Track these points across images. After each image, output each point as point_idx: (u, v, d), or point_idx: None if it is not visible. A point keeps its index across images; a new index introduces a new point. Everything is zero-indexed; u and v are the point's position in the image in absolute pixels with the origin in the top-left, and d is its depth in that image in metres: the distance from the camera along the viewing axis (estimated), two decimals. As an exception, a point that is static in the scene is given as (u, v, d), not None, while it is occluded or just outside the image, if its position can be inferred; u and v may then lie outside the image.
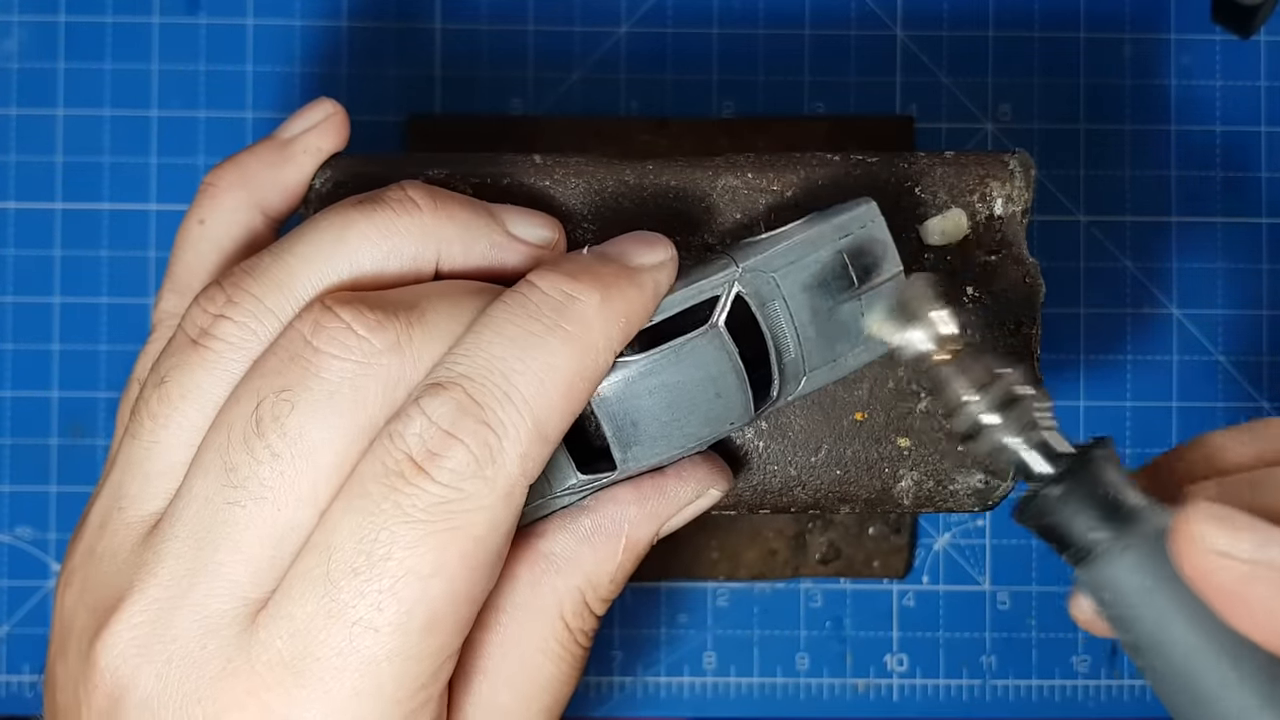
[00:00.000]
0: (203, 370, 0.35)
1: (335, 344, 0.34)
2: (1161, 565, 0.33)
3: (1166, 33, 0.54)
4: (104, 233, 0.53)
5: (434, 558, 0.33)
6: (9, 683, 0.53)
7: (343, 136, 0.41)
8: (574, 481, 0.37)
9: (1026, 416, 0.35)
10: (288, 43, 0.53)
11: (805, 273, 0.37)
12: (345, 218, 0.36)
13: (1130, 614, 0.34)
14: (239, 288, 0.36)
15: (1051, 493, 0.35)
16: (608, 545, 0.37)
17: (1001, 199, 0.40)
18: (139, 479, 0.36)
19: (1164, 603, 0.33)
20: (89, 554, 0.36)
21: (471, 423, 0.33)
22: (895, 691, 0.53)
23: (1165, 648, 0.33)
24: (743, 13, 0.54)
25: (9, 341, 0.53)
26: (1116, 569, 0.34)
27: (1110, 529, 0.34)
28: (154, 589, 0.34)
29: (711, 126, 0.53)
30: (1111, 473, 0.35)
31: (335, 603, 0.33)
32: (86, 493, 0.53)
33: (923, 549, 0.53)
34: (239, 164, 0.41)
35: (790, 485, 0.40)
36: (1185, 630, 0.33)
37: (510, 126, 0.53)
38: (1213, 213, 0.53)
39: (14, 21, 0.53)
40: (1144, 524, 0.34)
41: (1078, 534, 0.34)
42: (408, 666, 0.33)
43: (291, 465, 0.34)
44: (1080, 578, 0.35)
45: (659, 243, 0.37)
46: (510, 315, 0.35)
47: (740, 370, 0.36)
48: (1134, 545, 0.34)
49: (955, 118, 0.53)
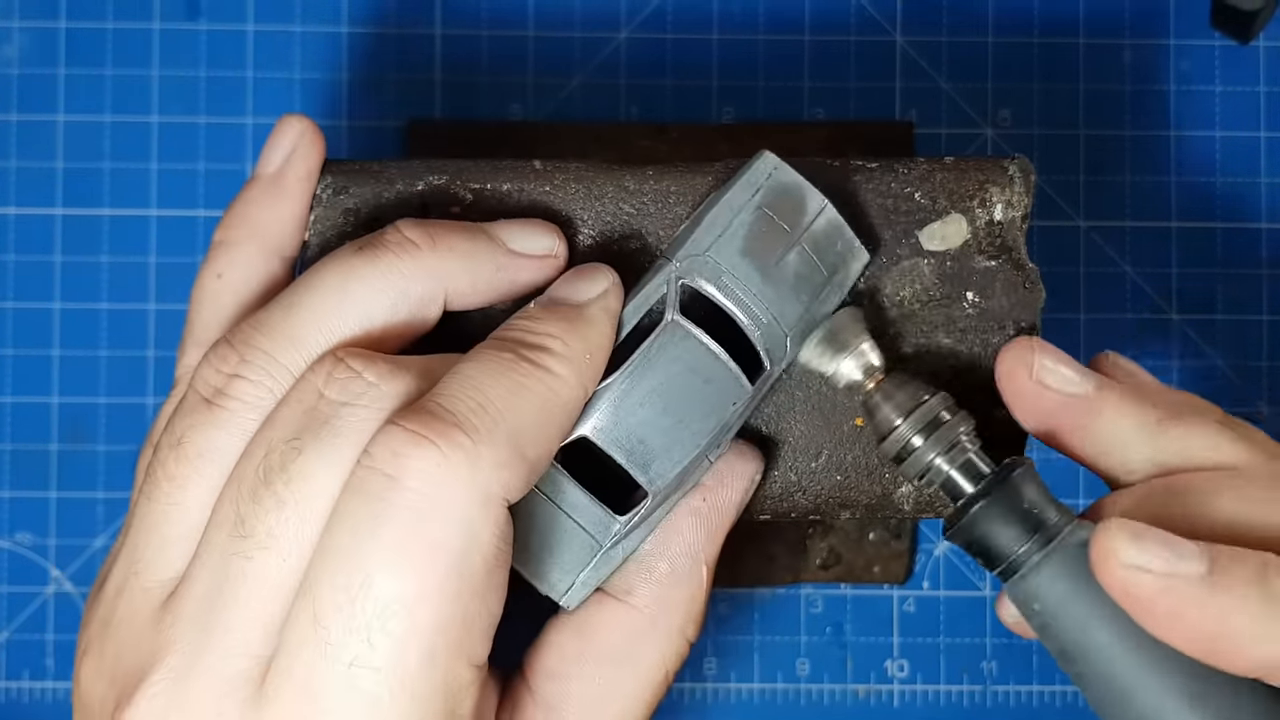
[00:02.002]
0: (218, 429, 0.35)
1: (346, 393, 0.34)
2: (1081, 576, 0.35)
3: (1166, 38, 0.54)
4: (104, 238, 0.53)
5: (415, 581, 0.32)
6: (8, 689, 0.52)
7: (322, 147, 0.40)
8: (618, 527, 0.37)
9: (951, 438, 0.37)
10: (288, 48, 0.53)
11: (735, 240, 0.37)
12: (348, 266, 0.36)
13: (1054, 623, 0.35)
14: (250, 345, 0.36)
15: (975, 509, 0.36)
16: (692, 578, 0.38)
17: (1001, 204, 0.40)
18: (155, 544, 0.35)
19: (1085, 611, 0.35)
20: (105, 623, 0.35)
21: (442, 425, 0.33)
22: (896, 697, 0.53)
23: (1089, 654, 0.35)
24: (742, 18, 0.54)
25: (9, 347, 0.53)
26: (1038, 580, 0.35)
27: (1032, 542, 0.36)
28: (171, 658, 0.34)
29: (711, 132, 0.53)
30: (1031, 489, 0.36)
31: (328, 645, 0.32)
32: (86, 498, 0.53)
33: (923, 554, 0.53)
34: (243, 216, 0.40)
35: (790, 491, 0.40)
36: (1107, 637, 0.35)
37: (510, 132, 0.53)
38: (1212, 218, 0.53)
39: (14, 27, 0.53)
40: (1063, 537, 0.36)
41: (1002, 548, 0.36)
42: (416, 704, 0.32)
43: (295, 512, 0.33)
44: (1008, 590, 0.36)
45: (598, 272, 0.37)
46: (484, 350, 0.35)
47: (717, 350, 0.37)
48: (1054, 558, 0.35)
49: (955, 123, 0.53)
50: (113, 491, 0.53)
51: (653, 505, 0.37)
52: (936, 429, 0.37)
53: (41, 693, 0.52)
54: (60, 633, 0.53)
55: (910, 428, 0.37)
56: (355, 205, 0.40)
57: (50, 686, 0.52)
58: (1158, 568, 0.33)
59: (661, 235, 0.40)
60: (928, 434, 0.37)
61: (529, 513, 0.36)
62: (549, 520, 0.36)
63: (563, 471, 0.36)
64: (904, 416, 0.37)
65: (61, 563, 0.53)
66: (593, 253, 0.40)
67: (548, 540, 0.37)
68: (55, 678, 0.52)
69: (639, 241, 0.40)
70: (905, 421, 0.37)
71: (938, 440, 0.37)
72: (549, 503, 0.36)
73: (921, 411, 0.37)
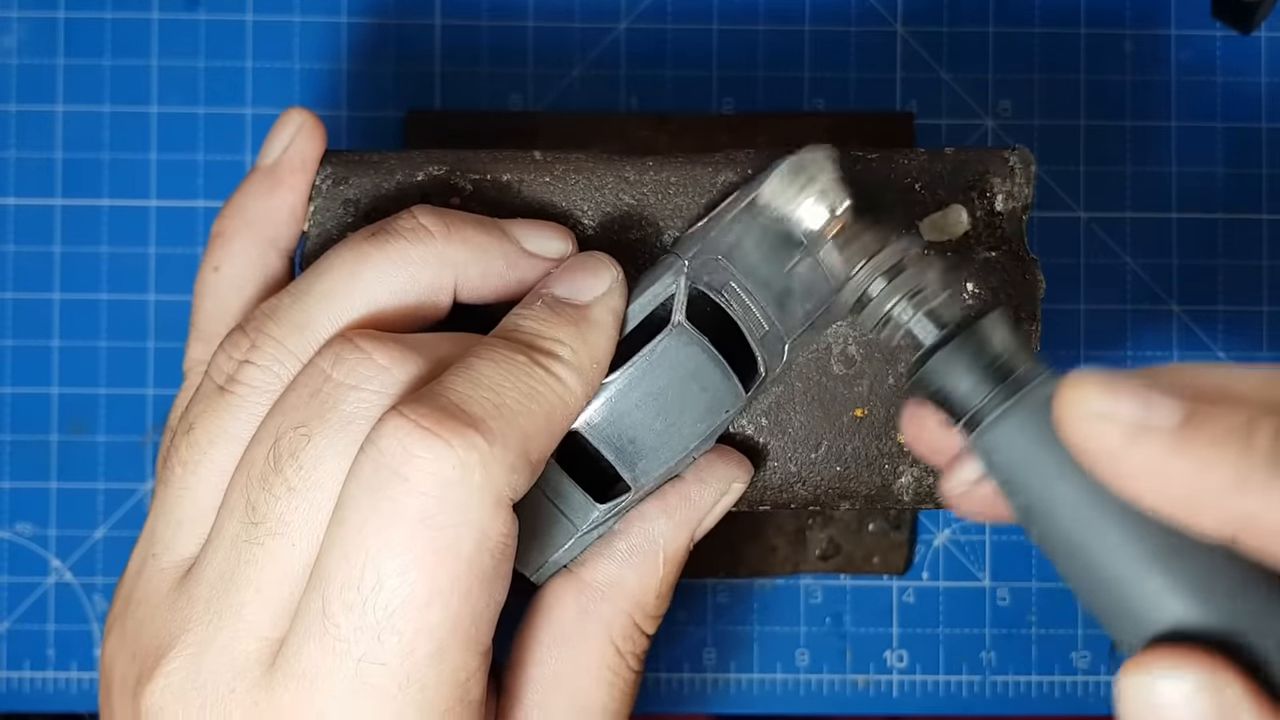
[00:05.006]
0: (229, 415, 0.36)
1: (355, 374, 0.34)
2: (1047, 429, 0.32)
3: (1167, 28, 0.54)
4: (103, 228, 0.53)
5: (427, 584, 0.32)
6: (9, 679, 0.53)
7: (321, 139, 0.40)
8: (597, 514, 0.37)
9: (915, 282, 0.34)
10: (287, 38, 0.53)
11: (750, 248, 0.37)
12: (359, 252, 0.36)
13: (1016, 480, 0.33)
14: (261, 332, 0.36)
15: (938, 355, 0.34)
16: (647, 563, 0.38)
17: (1002, 195, 0.40)
18: (171, 526, 0.36)
19: (1048, 468, 0.32)
20: (127, 601, 0.36)
21: (456, 424, 0.33)
22: (895, 687, 0.53)
23: (1052, 514, 0.32)
24: (743, 8, 0.54)
25: (9, 337, 0.53)
26: (1000, 433, 0.33)
27: (998, 392, 0.33)
28: (188, 635, 0.34)
29: (712, 123, 0.53)
30: (1000, 335, 0.34)
31: (337, 640, 0.32)
32: (87, 489, 0.53)
33: (923, 545, 0.53)
34: (240, 206, 0.40)
35: (790, 482, 0.40)
36: (1071, 496, 0.32)
37: (510, 122, 0.53)
38: (1213, 209, 0.53)
39: (13, 17, 0.53)
40: (1031, 387, 0.33)
41: (963, 397, 0.34)
42: (426, 694, 0.33)
43: (305, 499, 0.34)
44: (972, 443, 0.34)
45: (603, 267, 0.37)
46: (496, 347, 0.35)
47: (717, 359, 0.37)
48: (1018, 408, 0.33)
49: (955, 114, 0.53)
50: (113, 482, 0.53)
51: (634, 499, 0.37)
52: (899, 274, 0.34)
53: (42, 683, 0.53)
54: (60, 623, 0.53)
55: (870, 272, 0.34)
56: (355, 196, 0.40)
57: (51, 676, 0.52)
58: (1125, 417, 0.30)
59: (662, 226, 0.40)
60: (888, 278, 0.34)
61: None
62: (532, 503, 0.37)
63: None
64: (865, 259, 0.35)
65: (62, 553, 0.53)
66: (593, 243, 0.40)
67: (529, 522, 0.37)
68: (56, 668, 0.52)
69: (639, 232, 0.40)
70: (865, 266, 0.34)
71: (899, 286, 0.34)
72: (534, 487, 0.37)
73: (886, 255, 0.34)
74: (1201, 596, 0.31)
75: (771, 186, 0.36)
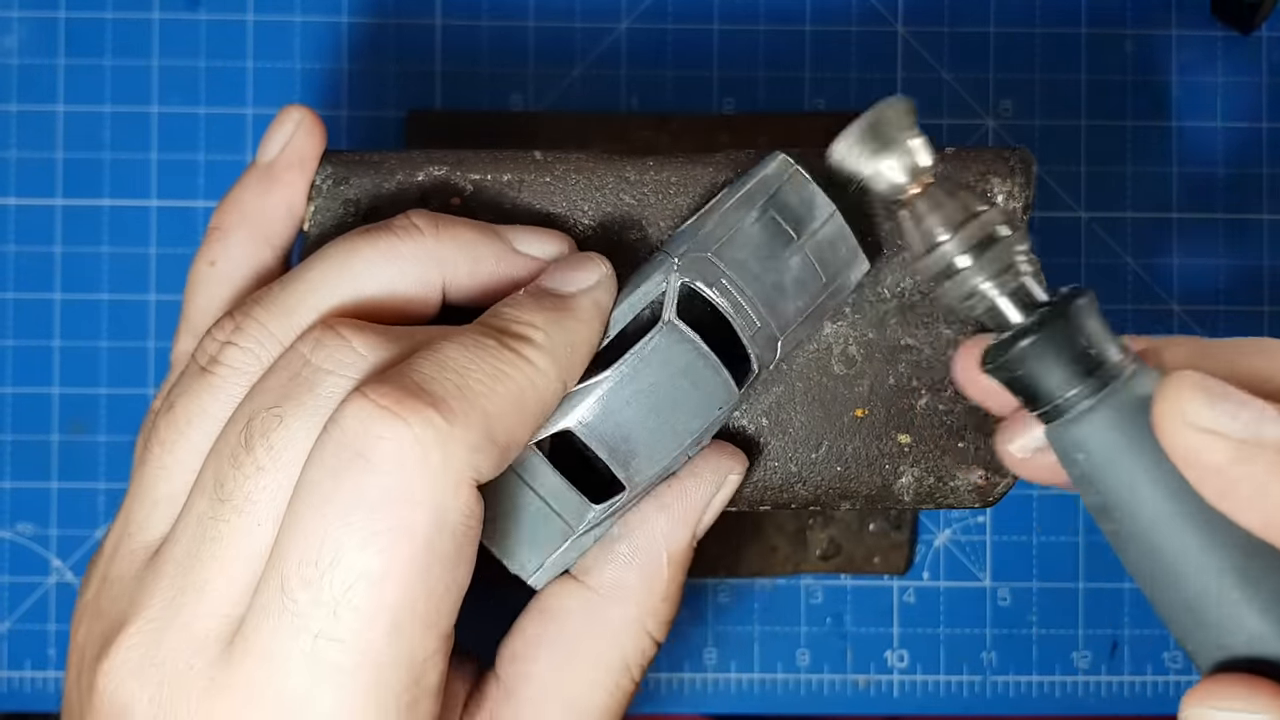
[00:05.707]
0: (209, 395, 0.36)
1: (332, 360, 0.34)
2: (1138, 429, 0.31)
3: (1167, 28, 0.54)
4: (104, 228, 0.53)
5: (383, 560, 0.32)
6: (10, 678, 0.53)
7: (320, 136, 0.40)
8: (592, 515, 0.37)
9: (1004, 259, 0.33)
10: (288, 38, 0.53)
11: (740, 243, 0.37)
12: (350, 245, 0.37)
13: (1099, 477, 0.32)
14: (247, 315, 0.36)
15: (1024, 343, 0.32)
16: (650, 564, 0.38)
17: (1002, 195, 0.40)
18: (145, 505, 0.36)
19: (1137, 470, 0.31)
20: (101, 581, 0.36)
21: (416, 403, 0.32)
22: (896, 687, 0.53)
23: (1134, 517, 0.31)
24: (743, 8, 0.54)
25: (10, 338, 0.53)
26: (1088, 429, 0.32)
27: (1085, 385, 0.32)
28: (149, 611, 0.34)
29: (712, 123, 0.53)
30: (1092, 325, 0.32)
31: (295, 616, 0.32)
32: (87, 489, 0.53)
33: (923, 545, 0.53)
34: (237, 202, 0.40)
35: (791, 481, 0.40)
36: (1157, 501, 0.31)
37: (510, 122, 0.53)
38: (1214, 209, 0.53)
39: (14, 18, 0.53)
40: (1123, 382, 0.32)
41: (1050, 389, 0.32)
42: (382, 673, 0.33)
43: (273, 478, 0.34)
44: (1048, 433, 0.33)
45: (591, 263, 0.37)
46: (466, 332, 0.35)
47: (709, 356, 0.37)
48: (1108, 405, 0.31)
49: (956, 114, 0.53)
50: (114, 482, 0.53)
51: (629, 498, 0.37)
52: (989, 247, 0.33)
53: (44, 682, 0.53)
54: (62, 623, 0.53)
55: (958, 245, 0.33)
56: (355, 196, 0.40)
57: (52, 676, 0.53)
58: (1235, 433, 0.29)
59: (662, 226, 0.40)
60: (979, 253, 0.33)
61: (504, 494, 0.37)
62: (524, 503, 0.37)
63: (541, 457, 0.37)
64: (953, 231, 0.33)
65: (63, 553, 0.53)
66: (593, 243, 0.40)
67: (521, 522, 0.37)
68: (57, 667, 0.52)
69: (639, 232, 0.40)
70: (954, 237, 0.33)
71: (990, 261, 0.32)
72: (525, 486, 0.37)
73: (974, 226, 0.33)
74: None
75: (845, 143, 0.34)
